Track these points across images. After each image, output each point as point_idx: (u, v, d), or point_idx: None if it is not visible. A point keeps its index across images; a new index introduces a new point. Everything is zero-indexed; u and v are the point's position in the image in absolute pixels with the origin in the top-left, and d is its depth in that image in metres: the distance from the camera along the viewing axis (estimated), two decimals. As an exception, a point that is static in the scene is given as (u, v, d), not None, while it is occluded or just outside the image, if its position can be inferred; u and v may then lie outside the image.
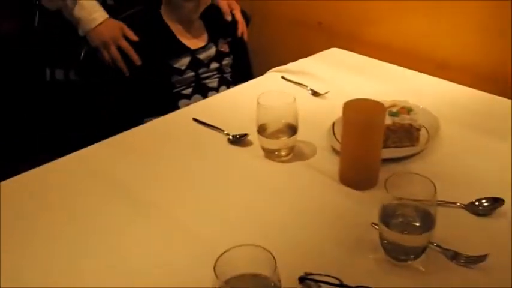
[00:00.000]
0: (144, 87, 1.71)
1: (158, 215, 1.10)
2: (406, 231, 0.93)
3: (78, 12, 1.68)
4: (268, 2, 2.48)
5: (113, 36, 1.68)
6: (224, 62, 1.88)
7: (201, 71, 1.80)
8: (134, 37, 1.70)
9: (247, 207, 1.12)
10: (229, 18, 1.87)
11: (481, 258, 0.93)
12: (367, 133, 1.10)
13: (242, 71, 1.95)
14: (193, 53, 1.78)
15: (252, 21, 2.04)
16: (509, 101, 1.54)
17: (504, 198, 1.08)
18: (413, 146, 1.30)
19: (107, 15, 1.70)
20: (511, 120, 1.41)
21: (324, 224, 1.07)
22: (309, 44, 2.06)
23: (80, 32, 1.70)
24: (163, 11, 1.76)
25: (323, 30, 2.29)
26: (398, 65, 1.83)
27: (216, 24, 1.85)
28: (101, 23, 1.68)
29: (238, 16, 1.89)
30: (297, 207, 1.13)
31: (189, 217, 1.10)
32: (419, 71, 1.77)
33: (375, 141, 1.12)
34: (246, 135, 1.34)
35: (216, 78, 1.85)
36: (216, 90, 1.83)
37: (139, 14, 1.79)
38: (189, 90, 1.78)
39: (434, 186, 0.91)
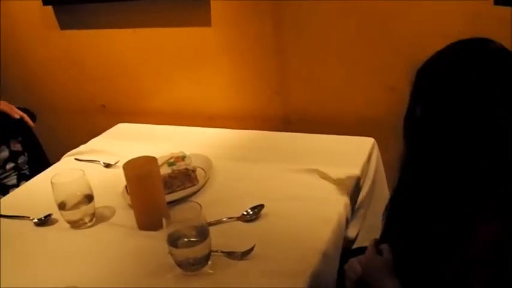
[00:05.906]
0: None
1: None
2: (190, 246, 1.18)
3: None
4: (53, 93, 2.64)
5: None
6: (20, 161, 1.99)
7: (-3, 173, 1.89)
8: None
9: (62, 278, 1.26)
10: (16, 116, 1.97)
11: (249, 250, 1.23)
12: (145, 182, 1.36)
13: (39, 164, 2.04)
14: (-13, 159, 1.87)
15: (41, 114, 2.17)
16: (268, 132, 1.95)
17: (264, 203, 1.41)
18: (195, 185, 1.59)
19: None
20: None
21: (130, 263, 1.29)
22: (97, 125, 2.26)
23: None
24: None
25: (107, 111, 2.53)
26: (176, 125, 2.14)
27: (4, 127, 1.97)
28: None
29: (19, 112, 2.01)
30: (105, 260, 1.31)
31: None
32: (192, 126, 2.10)
33: (155, 187, 1.37)
34: (49, 215, 1.50)
35: (14, 176, 1.95)
36: (17, 186, 1.91)
37: None
38: (-10, 193, 1.84)
39: (200, 206, 1.18)
